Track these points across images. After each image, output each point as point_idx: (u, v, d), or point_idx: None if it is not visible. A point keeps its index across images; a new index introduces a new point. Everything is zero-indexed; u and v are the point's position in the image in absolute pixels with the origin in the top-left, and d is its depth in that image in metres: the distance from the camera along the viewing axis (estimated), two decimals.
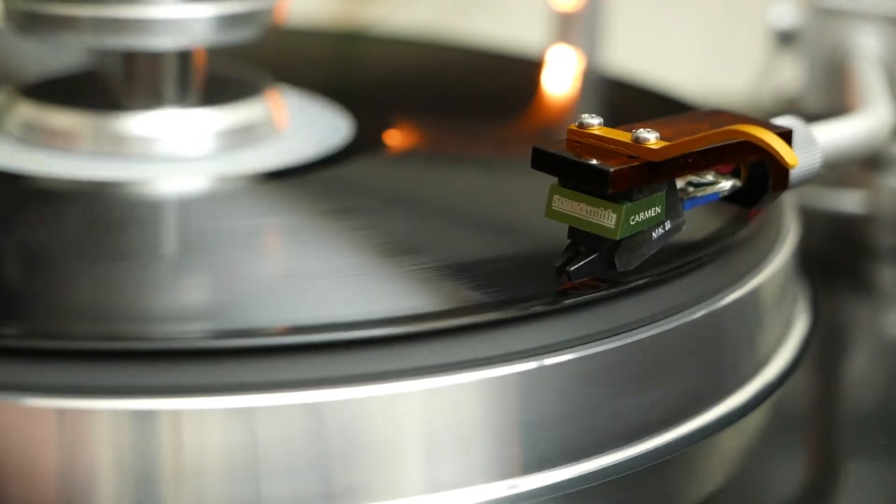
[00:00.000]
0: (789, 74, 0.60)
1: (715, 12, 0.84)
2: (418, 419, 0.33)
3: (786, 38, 0.58)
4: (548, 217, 0.35)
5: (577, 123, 0.36)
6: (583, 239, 0.35)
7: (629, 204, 0.34)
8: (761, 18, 0.59)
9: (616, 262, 0.35)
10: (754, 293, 0.40)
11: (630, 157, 0.34)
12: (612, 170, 0.34)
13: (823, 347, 0.44)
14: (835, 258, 0.53)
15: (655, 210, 0.35)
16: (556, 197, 0.35)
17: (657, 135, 0.35)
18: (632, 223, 0.34)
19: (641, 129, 0.35)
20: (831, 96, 0.56)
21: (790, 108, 0.55)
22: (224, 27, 0.45)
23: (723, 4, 0.84)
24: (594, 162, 0.34)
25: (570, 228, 0.35)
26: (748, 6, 0.72)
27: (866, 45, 0.55)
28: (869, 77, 0.51)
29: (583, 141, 0.35)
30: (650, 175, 0.34)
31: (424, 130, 0.51)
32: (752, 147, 0.34)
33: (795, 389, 0.41)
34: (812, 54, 0.57)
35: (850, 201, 0.56)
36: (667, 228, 0.36)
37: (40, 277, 0.36)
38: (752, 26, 0.66)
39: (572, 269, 0.35)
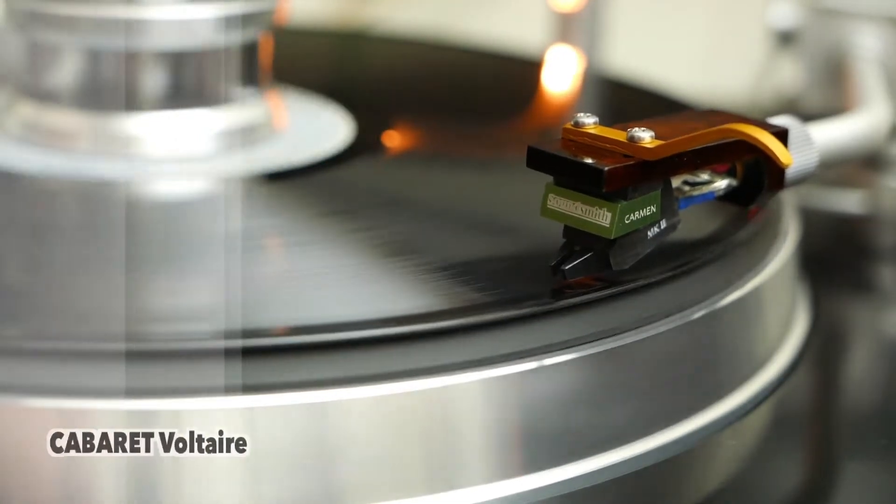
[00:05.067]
0: (789, 74, 0.60)
1: (715, 12, 0.84)
2: (418, 419, 0.33)
3: (786, 38, 0.58)
4: (543, 216, 0.35)
5: (572, 122, 0.36)
6: (578, 238, 0.35)
7: (624, 203, 0.34)
8: (761, 18, 0.59)
9: (611, 261, 0.35)
10: (754, 293, 0.40)
11: (625, 156, 0.34)
12: (606, 169, 0.34)
13: (823, 347, 0.44)
14: (835, 258, 0.53)
15: (650, 209, 0.35)
16: (551, 196, 0.35)
17: (652, 134, 0.35)
18: (627, 222, 0.34)
19: (636, 129, 0.35)
20: (831, 96, 0.56)
21: (790, 107, 0.55)
22: (225, 28, 0.45)
23: (723, 4, 0.84)
24: (589, 161, 0.34)
25: (566, 227, 0.35)
26: (748, 6, 0.72)
27: (866, 45, 0.55)
28: (868, 77, 0.51)
29: (578, 140, 0.35)
30: (645, 174, 0.34)
31: (424, 131, 0.51)
32: (747, 146, 0.34)
33: (795, 389, 0.41)
34: (812, 54, 0.57)
35: (850, 201, 0.56)
36: (662, 227, 0.36)
37: (40, 278, 0.36)
38: (752, 26, 0.66)
39: (567, 267, 0.35)
